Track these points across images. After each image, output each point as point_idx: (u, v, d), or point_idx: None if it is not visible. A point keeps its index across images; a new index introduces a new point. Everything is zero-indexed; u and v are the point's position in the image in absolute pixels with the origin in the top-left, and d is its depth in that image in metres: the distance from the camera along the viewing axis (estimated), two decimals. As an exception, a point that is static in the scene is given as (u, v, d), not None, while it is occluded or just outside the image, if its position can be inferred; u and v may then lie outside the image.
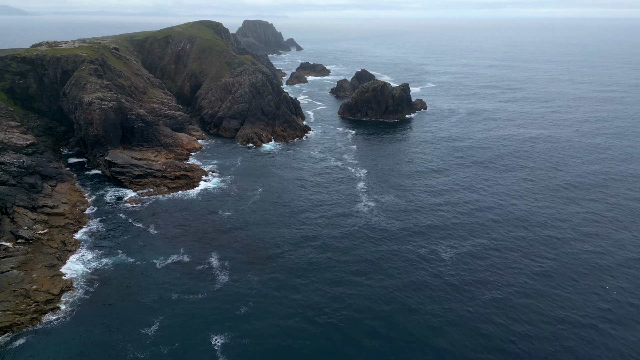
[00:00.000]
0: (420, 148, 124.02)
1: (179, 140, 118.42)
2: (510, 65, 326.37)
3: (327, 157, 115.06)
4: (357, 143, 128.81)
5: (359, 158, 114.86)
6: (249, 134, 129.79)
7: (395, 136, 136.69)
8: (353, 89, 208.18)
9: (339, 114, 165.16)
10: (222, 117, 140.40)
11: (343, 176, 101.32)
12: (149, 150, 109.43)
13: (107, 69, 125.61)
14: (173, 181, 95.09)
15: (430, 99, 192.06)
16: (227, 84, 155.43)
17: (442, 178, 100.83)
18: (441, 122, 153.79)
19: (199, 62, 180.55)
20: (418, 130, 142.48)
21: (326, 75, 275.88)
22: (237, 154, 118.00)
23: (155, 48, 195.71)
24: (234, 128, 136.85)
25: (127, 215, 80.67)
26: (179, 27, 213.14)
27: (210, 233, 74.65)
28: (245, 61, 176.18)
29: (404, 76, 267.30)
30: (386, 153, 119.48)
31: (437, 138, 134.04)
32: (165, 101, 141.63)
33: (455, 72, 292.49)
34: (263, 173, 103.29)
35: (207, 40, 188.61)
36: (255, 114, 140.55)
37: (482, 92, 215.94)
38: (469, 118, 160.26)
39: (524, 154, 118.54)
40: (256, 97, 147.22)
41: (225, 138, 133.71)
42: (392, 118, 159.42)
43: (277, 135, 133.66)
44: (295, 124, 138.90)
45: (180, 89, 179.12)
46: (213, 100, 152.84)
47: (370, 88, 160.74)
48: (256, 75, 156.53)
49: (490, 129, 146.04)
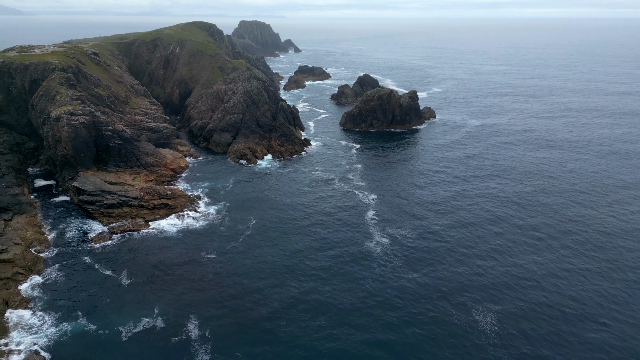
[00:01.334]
0: (434, 166, 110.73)
1: (162, 158, 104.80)
2: (520, 71, 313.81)
3: (330, 178, 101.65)
4: (363, 160, 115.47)
5: (366, 179, 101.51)
6: (242, 150, 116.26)
7: (405, 151, 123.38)
8: (355, 95, 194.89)
9: (341, 125, 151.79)
10: (213, 130, 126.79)
11: (349, 203, 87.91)
12: (126, 171, 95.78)
13: (82, 77, 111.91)
14: (151, 211, 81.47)
15: (439, 107, 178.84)
16: (219, 92, 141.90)
17: (463, 205, 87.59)
18: (453, 134, 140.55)
19: (189, 67, 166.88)
20: (429, 145, 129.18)
21: (326, 79, 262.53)
22: (228, 173, 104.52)
23: (142, 52, 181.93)
24: (226, 142, 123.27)
25: (93, 258, 67.11)
26: (169, 29, 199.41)
27: (190, 283, 61.19)
28: (239, 66, 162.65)
29: (408, 80, 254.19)
30: (396, 173, 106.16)
31: (451, 154, 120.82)
32: (149, 112, 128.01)
33: (461, 75, 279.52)
34: (257, 199, 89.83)
35: (198, 44, 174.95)
36: (250, 126, 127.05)
37: (493, 100, 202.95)
38: (483, 130, 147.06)
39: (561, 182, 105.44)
40: (251, 107, 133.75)
41: (216, 154, 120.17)
42: (400, 129, 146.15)
43: (273, 150, 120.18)
44: (293, 137, 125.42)
45: (169, 97, 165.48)
46: (203, 110, 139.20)
47: (376, 96, 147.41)
48: (251, 82, 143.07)
49: (509, 143, 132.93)
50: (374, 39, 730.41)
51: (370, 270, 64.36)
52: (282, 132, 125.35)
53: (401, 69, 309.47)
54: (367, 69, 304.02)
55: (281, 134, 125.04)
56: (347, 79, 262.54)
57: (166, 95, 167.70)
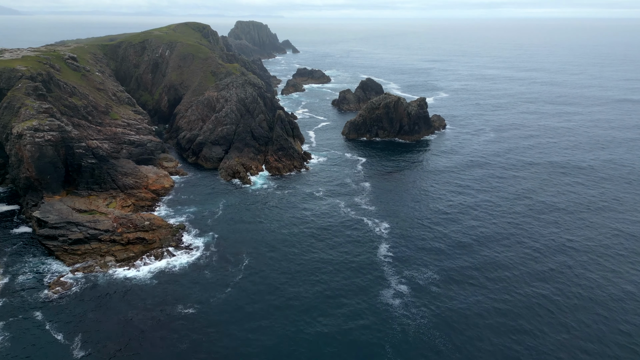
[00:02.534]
0: (451, 186, 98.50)
1: (143, 178, 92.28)
2: (530, 75, 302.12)
3: (335, 202, 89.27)
4: (370, 177, 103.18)
5: (375, 201, 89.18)
6: (235, 166, 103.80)
7: (416, 167, 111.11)
8: (358, 100, 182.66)
9: (344, 135, 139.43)
10: (203, 143, 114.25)
11: (358, 235, 75.54)
12: (100, 195, 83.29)
13: (53, 85, 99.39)
14: (125, 248, 69.02)
15: (448, 115, 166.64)
16: (211, 100, 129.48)
17: (489, 234, 75.45)
18: (468, 146, 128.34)
19: (179, 72, 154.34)
20: (443, 160, 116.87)
21: (326, 82, 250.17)
22: (218, 195, 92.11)
23: (130, 54, 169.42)
24: (217, 157, 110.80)
25: (45, 314, 54.65)
26: (159, 31, 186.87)
27: (159, 352, 48.78)
28: (233, 71, 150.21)
29: (412, 84, 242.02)
30: (408, 194, 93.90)
31: (469, 173, 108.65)
32: (133, 122, 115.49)
33: (467, 78, 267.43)
34: (250, 230, 77.40)
35: (189, 46, 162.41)
36: (244, 138, 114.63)
37: (505, 106, 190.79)
38: (500, 140, 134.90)
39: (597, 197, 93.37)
40: (245, 117, 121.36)
41: (206, 170, 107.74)
42: (407, 139, 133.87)
43: (270, 166, 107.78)
44: (292, 150, 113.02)
45: (157, 104, 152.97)
46: (193, 119, 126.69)
47: (382, 104, 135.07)
48: (245, 89, 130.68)
49: (533, 163, 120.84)
50: (373, 39, 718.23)
51: (389, 336, 51.78)
52: (280, 146, 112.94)
53: (404, 71, 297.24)
54: (369, 72, 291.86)
55: (279, 148, 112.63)
56: (348, 82, 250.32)
57: (154, 102, 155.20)
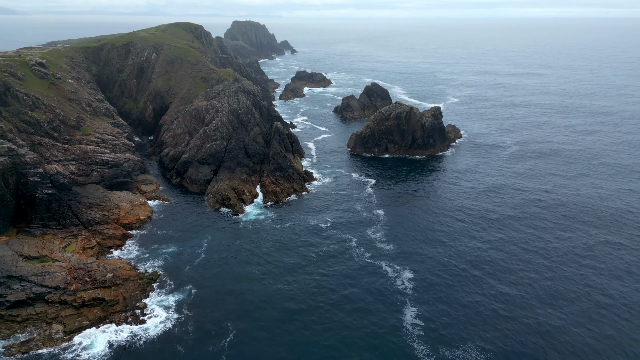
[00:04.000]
0: (480, 216, 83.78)
1: (113, 209, 77.38)
2: (541, 76, 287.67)
3: (344, 237, 74.50)
4: (383, 203, 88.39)
5: (392, 237, 74.43)
6: (225, 191, 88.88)
7: (435, 191, 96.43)
8: (362, 107, 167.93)
9: (349, 148, 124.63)
10: (189, 162, 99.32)
11: (377, 289, 60.71)
12: (58, 234, 68.42)
13: (11, 98, 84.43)
14: (78, 312, 54.16)
15: (461, 122, 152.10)
16: (199, 110, 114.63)
17: (549, 288, 60.80)
18: (490, 162, 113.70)
19: (165, 78, 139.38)
20: (463, 180, 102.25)
21: (327, 86, 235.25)
22: (203, 230, 77.24)
23: (113, 58, 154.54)
24: (204, 179, 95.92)
25: None
26: (145, 32, 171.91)
27: None
28: (225, 76, 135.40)
29: (419, 88, 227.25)
30: (430, 226, 79.21)
31: (497, 195, 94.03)
32: (108, 137, 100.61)
33: (475, 81, 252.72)
34: (238, 281, 62.58)
35: (177, 49, 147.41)
36: (236, 156, 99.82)
37: (520, 111, 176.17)
38: (526, 153, 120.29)
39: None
40: (238, 130, 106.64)
41: (191, 194, 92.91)
42: (421, 154, 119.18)
43: (265, 190, 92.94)
44: (291, 170, 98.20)
45: (142, 113, 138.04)
46: (179, 133, 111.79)
47: (392, 115, 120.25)
48: (239, 98, 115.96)
49: (568, 176, 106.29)
50: (373, 39, 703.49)
51: None
52: (277, 165, 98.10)
53: (409, 74, 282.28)
54: (372, 75, 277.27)
55: (276, 167, 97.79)
56: (351, 85, 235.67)
57: (139, 111, 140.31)
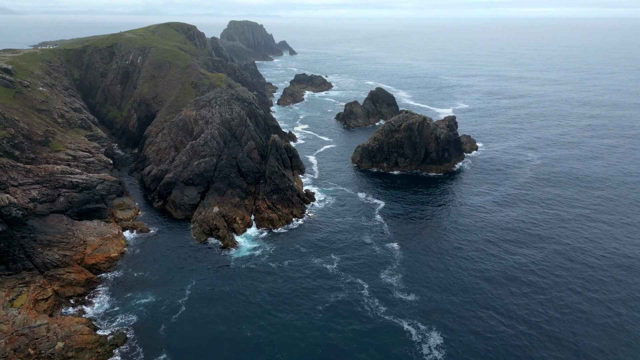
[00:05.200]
0: (516, 254, 71.65)
1: (78, 246, 65.01)
2: (555, 81, 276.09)
3: (355, 283, 62.23)
4: (398, 235, 76.12)
5: (412, 283, 62.23)
6: (213, 219, 76.47)
7: (455, 217, 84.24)
8: (367, 115, 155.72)
9: (354, 162, 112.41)
10: (173, 183, 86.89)
11: (397, 356, 48.51)
12: (6, 283, 56.05)
13: (-40, 111, 72.08)
14: (13, 401, 41.89)
15: (475, 131, 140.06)
16: (187, 121, 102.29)
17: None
18: (511, 177, 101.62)
19: (152, 83, 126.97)
20: (489, 203, 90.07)
21: (327, 89, 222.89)
22: (186, 270, 64.96)
23: (96, 61, 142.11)
24: (190, 203, 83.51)
25: None
26: (132, 33, 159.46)
27: None
28: (217, 82, 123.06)
29: (425, 93, 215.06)
30: (456, 266, 67.14)
31: (529, 218, 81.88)
32: (82, 154, 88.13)
33: (483, 84, 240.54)
34: (227, 350, 50.32)
35: (165, 52, 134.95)
36: (227, 175, 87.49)
37: (537, 117, 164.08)
38: (550, 167, 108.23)
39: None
40: (230, 144, 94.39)
41: (175, 222, 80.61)
42: (435, 170, 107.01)
43: (261, 216, 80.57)
44: (290, 192, 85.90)
45: (126, 122, 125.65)
46: (163, 147, 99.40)
47: (403, 126, 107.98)
48: (232, 107, 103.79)
49: (605, 197, 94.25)
50: (373, 39, 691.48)
51: None
52: (275, 186, 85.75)
53: (413, 77, 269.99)
54: (374, 77, 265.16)
55: (273, 189, 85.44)
56: (353, 89, 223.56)
57: (123, 119, 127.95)
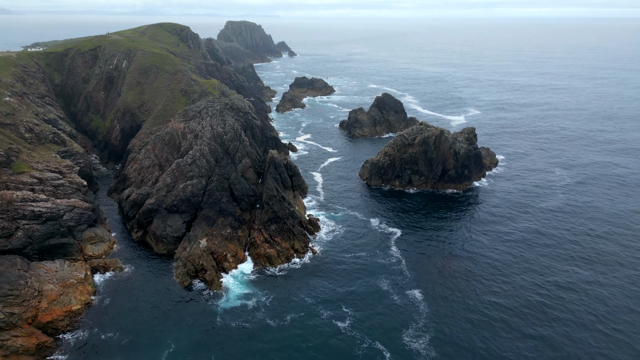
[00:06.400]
0: (570, 301, 59.78)
1: (30, 299, 52.88)
2: (569, 82, 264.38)
3: (373, 349, 50.20)
4: (420, 276, 64.09)
5: (446, 351, 50.28)
6: (199, 257, 64.36)
7: (484, 246, 72.31)
8: (373, 123, 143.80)
9: (363, 179, 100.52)
10: (154, 210, 74.76)
11: None
12: None
13: None
14: None
15: (493, 142, 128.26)
16: (174, 135, 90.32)
17: None
18: (543, 196, 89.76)
19: (138, 90, 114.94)
20: (520, 230, 78.12)
21: (329, 94, 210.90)
22: (165, 327, 52.94)
23: (78, 65, 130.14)
24: (174, 235, 71.39)
25: None
26: (119, 34, 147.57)
27: None
28: (210, 90, 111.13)
29: (433, 97, 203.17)
30: (506, 326, 55.22)
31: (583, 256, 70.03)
32: (50, 176, 75.93)
33: (495, 88, 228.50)
34: None
35: (153, 55, 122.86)
36: (218, 200, 75.49)
37: (563, 127, 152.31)
38: (584, 184, 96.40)
39: None
40: (222, 162, 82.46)
41: (156, 258, 68.59)
42: (454, 188, 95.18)
43: (256, 252, 68.50)
44: (291, 221, 73.87)
45: (108, 134, 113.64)
46: (146, 165, 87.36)
47: (418, 140, 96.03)
48: (224, 119, 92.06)
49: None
50: (374, 40, 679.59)
51: None
52: (273, 213, 73.69)
53: (418, 80, 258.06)
54: (377, 80, 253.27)
55: (271, 217, 73.37)
56: (356, 93, 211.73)
57: (105, 130, 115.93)
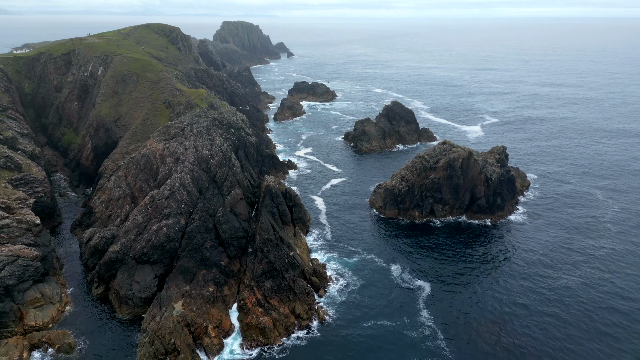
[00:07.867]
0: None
1: None
2: (591, 86, 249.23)
3: None
4: (463, 357, 49.28)
5: None
6: (172, 333, 49.14)
7: (532, 299, 57.38)
8: (382, 135, 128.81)
9: (375, 208, 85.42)
10: (119, 260, 59.57)
11: None
12: None
13: None
14: None
15: (519, 157, 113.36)
16: (151, 158, 75.25)
17: None
18: (592, 234, 74.83)
19: (114, 102, 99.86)
20: (579, 280, 63.12)
21: (331, 100, 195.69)
22: None
23: (50, 72, 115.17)
24: (141, 296, 56.16)
25: None
26: (97, 37, 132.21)
27: None
28: (196, 101, 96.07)
29: (442, 102, 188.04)
30: None
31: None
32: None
33: (509, 93, 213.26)
34: None
35: (132, 61, 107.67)
36: (200, 246, 60.35)
37: (597, 139, 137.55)
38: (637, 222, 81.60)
39: None
40: (206, 194, 67.49)
41: (118, 324, 53.53)
42: (483, 218, 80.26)
43: (248, 321, 53.37)
44: (291, 274, 58.76)
45: (80, 152, 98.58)
46: (116, 197, 72.27)
47: (441, 163, 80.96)
48: (212, 138, 77.17)
49: None
50: (375, 40, 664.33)
51: None
52: (268, 264, 58.56)
53: (425, 84, 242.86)
54: (383, 84, 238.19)
55: (266, 270, 58.23)
56: (360, 99, 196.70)
57: (77, 147, 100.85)
